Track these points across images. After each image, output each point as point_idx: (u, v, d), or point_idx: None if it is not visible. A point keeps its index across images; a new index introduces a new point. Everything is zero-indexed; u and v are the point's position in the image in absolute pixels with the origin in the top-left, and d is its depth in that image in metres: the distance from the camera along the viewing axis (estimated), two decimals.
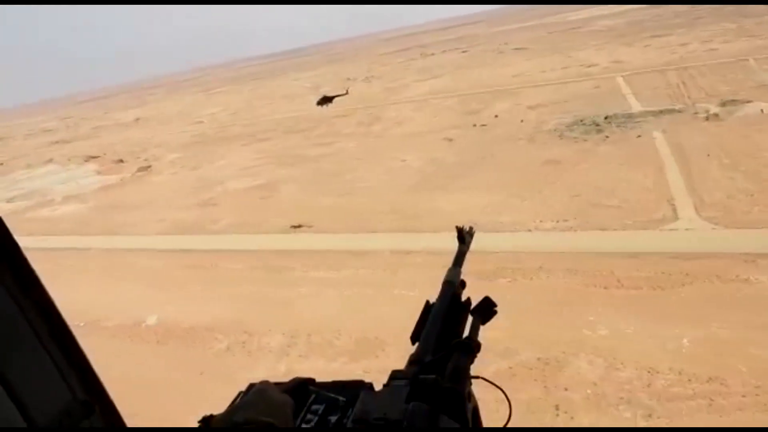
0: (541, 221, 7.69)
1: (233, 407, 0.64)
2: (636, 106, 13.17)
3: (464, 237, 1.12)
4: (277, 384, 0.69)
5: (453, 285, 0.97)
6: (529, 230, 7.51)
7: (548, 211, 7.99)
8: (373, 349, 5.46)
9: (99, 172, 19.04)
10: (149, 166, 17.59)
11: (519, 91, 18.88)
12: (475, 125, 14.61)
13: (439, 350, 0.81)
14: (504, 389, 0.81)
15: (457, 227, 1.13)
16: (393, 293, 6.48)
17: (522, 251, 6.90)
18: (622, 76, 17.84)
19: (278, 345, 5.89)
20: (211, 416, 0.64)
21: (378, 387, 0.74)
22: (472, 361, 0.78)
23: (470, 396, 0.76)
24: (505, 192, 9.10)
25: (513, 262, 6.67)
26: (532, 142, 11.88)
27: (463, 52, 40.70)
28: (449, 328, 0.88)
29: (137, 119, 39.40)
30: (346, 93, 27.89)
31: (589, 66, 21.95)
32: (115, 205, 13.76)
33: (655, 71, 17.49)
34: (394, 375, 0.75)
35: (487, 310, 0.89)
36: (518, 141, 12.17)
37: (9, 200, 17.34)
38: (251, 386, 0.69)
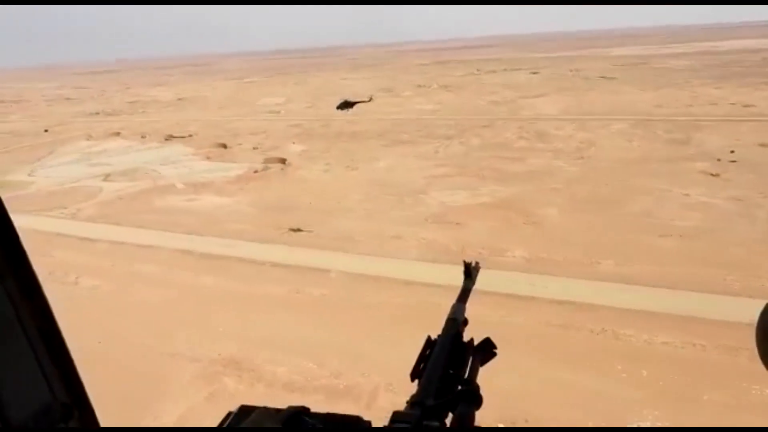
0: None
1: None
2: None
3: (471, 272, 1.09)
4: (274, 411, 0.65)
5: (457, 322, 0.93)
6: None
7: None
8: None
9: (207, 157, 15.83)
10: (284, 159, 14.49)
11: (698, 124, 16.50)
12: (719, 160, 12.07)
13: (441, 392, 0.76)
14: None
15: (465, 262, 1.09)
16: None
17: None
18: None
19: None
20: None
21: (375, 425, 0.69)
22: (477, 409, 0.73)
23: None
24: None
25: None
26: None
27: (533, 73, 38.52)
28: (451, 368, 0.83)
29: (179, 99, 35.91)
30: (370, 100, 26.20)
31: (746, 106, 19.75)
32: (285, 206, 10.70)
33: None
34: (396, 417, 0.69)
35: (487, 351, 0.86)
36: None
37: (104, 177, 14.05)
38: (243, 409, 0.66)
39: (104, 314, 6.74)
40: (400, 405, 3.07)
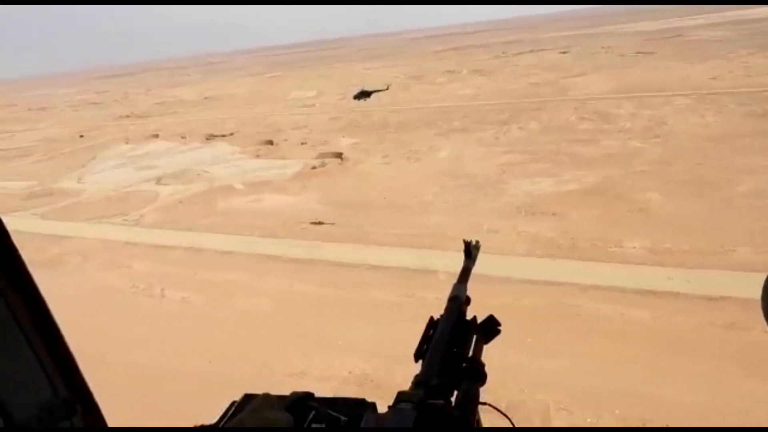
0: None
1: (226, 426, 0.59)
2: None
3: (471, 251, 1.10)
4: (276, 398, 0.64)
5: (459, 301, 0.95)
6: None
7: None
8: None
9: (257, 155, 15.35)
10: (340, 153, 13.93)
11: (767, 95, 15.56)
12: None
13: (445, 371, 0.77)
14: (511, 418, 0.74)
15: (464, 241, 1.10)
16: None
17: None
18: None
19: None
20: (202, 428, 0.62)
21: (381, 408, 0.70)
22: (481, 385, 0.74)
23: (478, 423, 0.73)
24: None
25: None
26: None
27: (563, 53, 37.41)
28: (455, 347, 0.83)
29: (205, 98, 35.55)
30: (387, 89, 25.68)
31: None
32: (358, 203, 10.16)
33: None
34: (400, 397, 0.69)
35: (491, 329, 0.86)
36: None
37: (157, 181, 13.63)
38: (246, 397, 0.65)
39: (203, 329, 6.27)
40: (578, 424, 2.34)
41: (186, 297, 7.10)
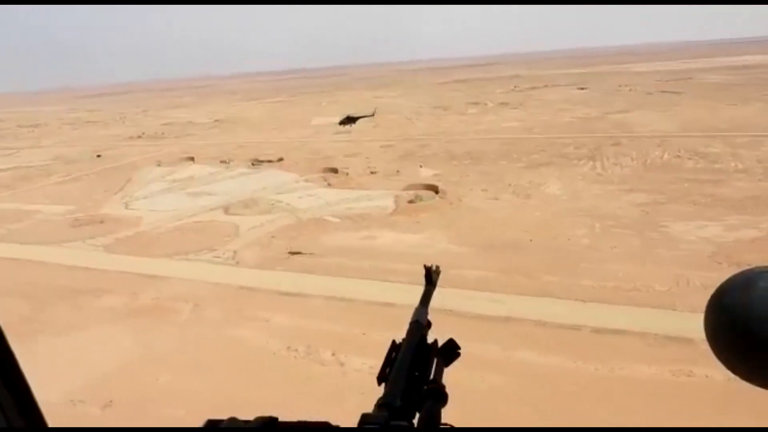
0: None
1: None
2: None
3: (431, 276, 1.09)
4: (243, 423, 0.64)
5: (421, 325, 0.93)
6: None
7: None
8: None
9: (329, 185, 13.87)
10: (435, 186, 12.58)
11: None
12: None
13: (408, 393, 0.77)
14: None
15: (425, 266, 1.09)
16: None
17: None
18: None
19: None
20: None
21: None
22: (443, 406, 0.74)
23: None
24: None
25: None
26: None
27: (582, 89, 37.26)
28: (417, 370, 0.84)
29: (217, 120, 33.98)
30: (373, 114, 25.33)
31: None
32: (500, 244, 8.79)
33: None
34: (364, 420, 0.68)
35: (450, 351, 0.86)
36: None
37: (225, 210, 12.02)
38: (210, 423, 0.64)
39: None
40: None
41: (375, 366, 5.51)
